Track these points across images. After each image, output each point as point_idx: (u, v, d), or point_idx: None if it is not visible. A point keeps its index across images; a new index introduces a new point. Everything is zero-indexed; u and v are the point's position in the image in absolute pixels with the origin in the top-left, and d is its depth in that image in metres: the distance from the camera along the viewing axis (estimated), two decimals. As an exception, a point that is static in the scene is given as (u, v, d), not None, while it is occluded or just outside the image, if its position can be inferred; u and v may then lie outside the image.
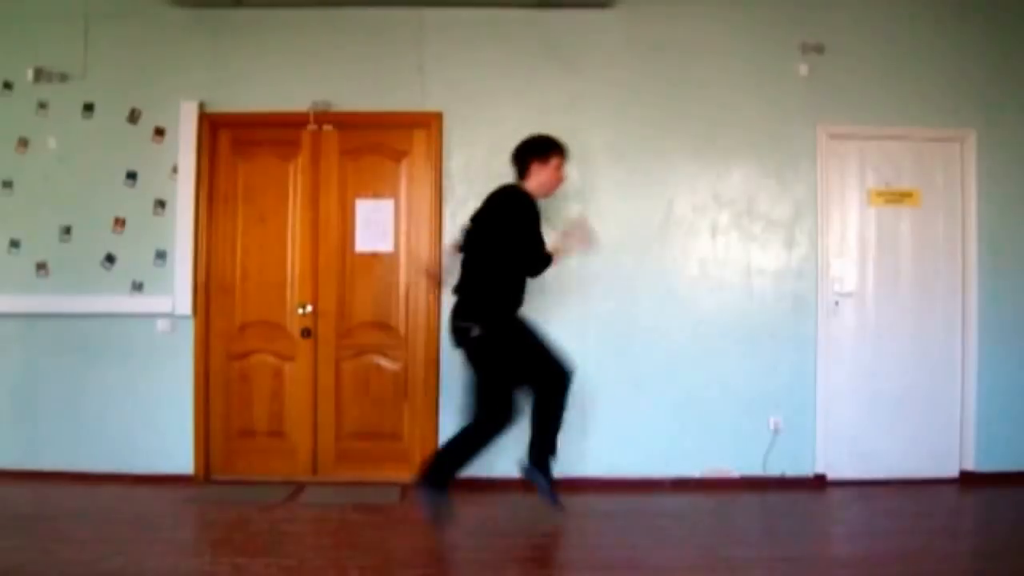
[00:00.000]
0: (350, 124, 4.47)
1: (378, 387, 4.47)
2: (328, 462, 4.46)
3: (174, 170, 4.42)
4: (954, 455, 4.50)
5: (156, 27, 4.44)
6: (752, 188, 4.48)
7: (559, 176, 3.75)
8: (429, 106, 4.45)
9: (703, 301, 4.44)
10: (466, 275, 3.67)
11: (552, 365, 3.66)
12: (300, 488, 4.28)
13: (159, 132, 4.43)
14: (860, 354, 4.49)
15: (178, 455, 4.38)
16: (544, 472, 3.65)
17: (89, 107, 4.44)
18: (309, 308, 4.46)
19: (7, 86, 4.44)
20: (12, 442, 4.38)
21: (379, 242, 4.48)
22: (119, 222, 4.43)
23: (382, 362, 4.48)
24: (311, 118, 4.44)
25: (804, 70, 4.46)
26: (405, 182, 4.50)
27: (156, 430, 4.39)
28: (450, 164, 4.44)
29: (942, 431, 4.49)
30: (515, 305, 3.64)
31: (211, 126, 4.44)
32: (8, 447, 4.37)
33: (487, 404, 3.55)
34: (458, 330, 3.62)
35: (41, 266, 4.42)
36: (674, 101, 4.46)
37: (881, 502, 4.11)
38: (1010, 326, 4.47)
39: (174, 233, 4.42)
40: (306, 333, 4.46)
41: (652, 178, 4.45)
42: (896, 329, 4.51)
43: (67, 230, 4.42)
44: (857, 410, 4.47)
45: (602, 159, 4.36)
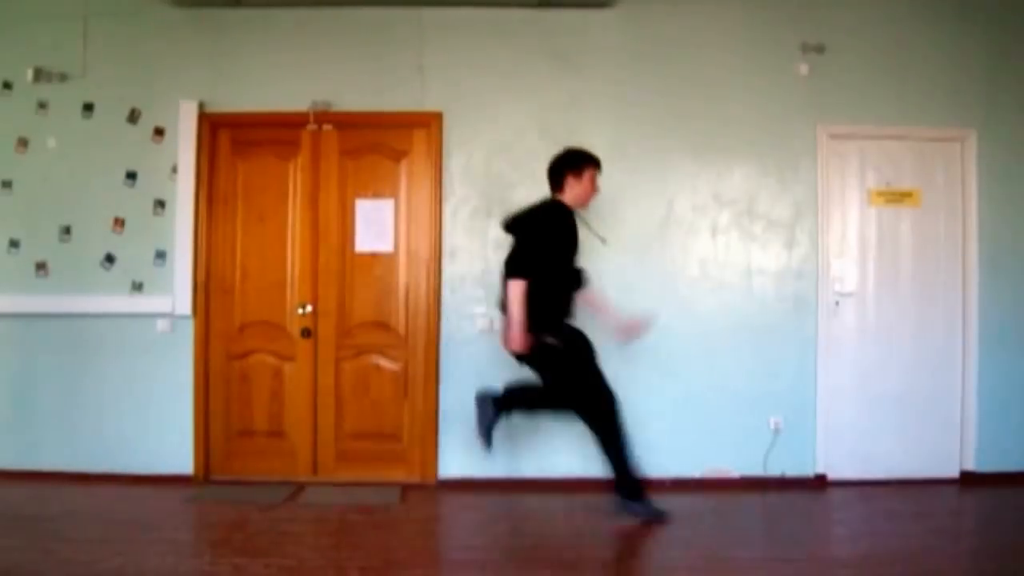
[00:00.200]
0: (350, 124, 4.47)
1: (378, 387, 4.47)
2: (328, 462, 4.45)
3: (174, 170, 4.42)
4: (954, 455, 4.49)
5: (156, 27, 4.43)
6: (752, 188, 4.47)
7: (594, 187, 3.86)
8: (429, 106, 4.44)
9: (703, 301, 4.44)
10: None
11: (600, 388, 3.70)
12: (300, 488, 4.27)
13: (159, 132, 4.43)
14: (860, 354, 4.49)
15: (178, 455, 4.38)
16: (634, 500, 3.68)
17: (89, 107, 4.43)
18: (309, 308, 4.45)
19: (7, 86, 4.44)
20: (11, 442, 4.37)
21: (379, 242, 4.48)
22: (119, 222, 4.42)
23: (382, 362, 4.48)
24: (311, 118, 4.43)
25: (804, 70, 4.45)
26: (405, 182, 4.50)
27: (156, 430, 4.38)
28: (450, 164, 4.44)
29: (942, 431, 4.49)
30: (565, 314, 3.74)
31: (211, 126, 4.44)
32: (7, 447, 4.37)
33: (578, 401, 3.67)
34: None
35: (41, 266, 4.42)
36: (674, 101, 4.46)
37: (881, 502, 4.11)
38: (1010, 326, 4.47)
39: (174, 233, 4.41)
40: (306, 333, 4.45)
41: (652, 178, 4.45)
42: (896, 329, 4.51)
43: (67, 230, 4.42)
44: (857, 410, 4.46)
45: (602, 158, 4.34)
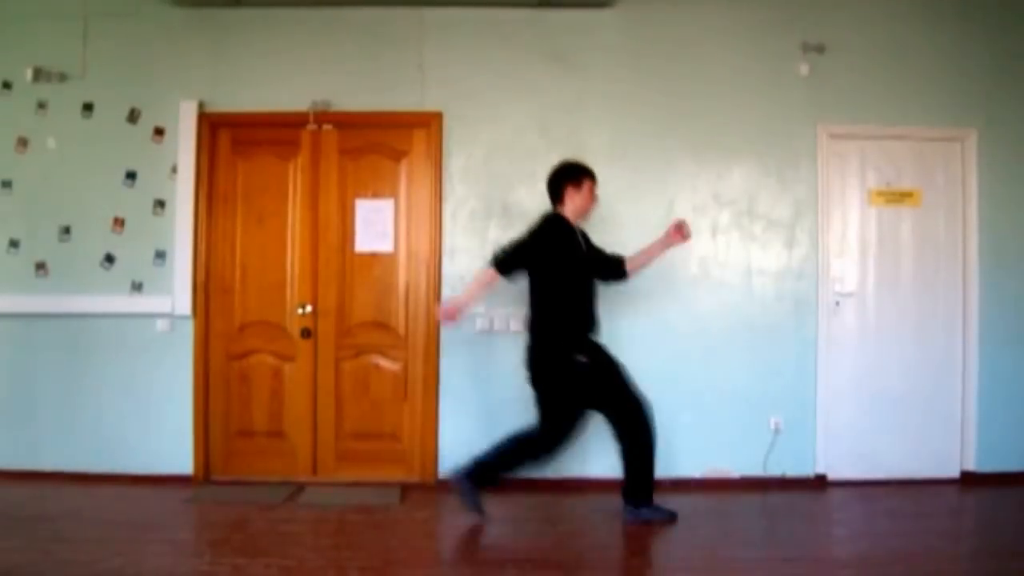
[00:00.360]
0: (350, 124, 4.46)
1: (378, 387, 4.46)
2: (328, 462, 4.45)
3: (173, 170, 4.41)
4: (955, 455, 4.49)
5: (156, 26, 4.43)
6: (753, 188, 4.47)
7: (593, 199, 3.88)
8: (429, 106, 4.44)
9: (703, 301, 4.44)
10: (536, 313, 3.73)
11: (629, 398, 3.72)
12: (300, 488, 4.27)
13: (158, 132, 4.43)
14: (861, 354, 4.49)
15: (177, 455, 4.37)
16: (644, 506, 3.71)
17: (88, 107, 4.43)
18: (309, 308, 4.45)
19: (6, 86, 4.43)
20: (11, 442, 4.37)
21: (379, 242, 4.47)
22: (118, 222, 4.42)
23: (382, 362, 4.47)
24: (311, 118, 4.43)
25: (805, 69, 4.45)
26: (405, 182, 4.49)
27: (155, 430, 4.38)
28: (450, 164, 4.44)
29: (943, 431, 4.49)
30: (589, 327, 3.74)
31: (211, 126, 4.44)
32: (7, 447, 4.36)
33: (552, 418, 3.66)
34: (563, 362, 3.64)
35: (40, 266, 4.42)
36: (674, 101, 4.46)
37: (882, 502, 4.10)
38: (1011, 326, 4.47)
39: (173, 233, 4.41)
40: (306, 333, 4.45)
41: (652, 177, 4.45)
42: (897, 329, 4.50)
43: (66, 230, 4.42)
44: (858, 410, 4.46)
45: (602, 159, 4.33)
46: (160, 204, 4.42)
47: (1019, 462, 4.40)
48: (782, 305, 4.45)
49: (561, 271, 3.69)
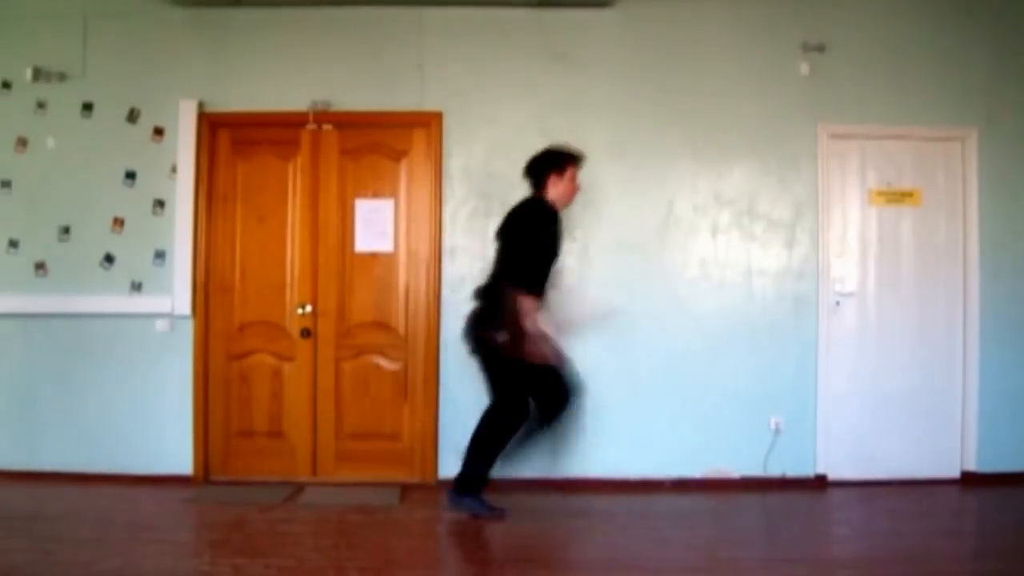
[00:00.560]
0: (349, 123, 4.46)
1: (378, 387, 4.46)
2: (328, 462, 4.45)
3: (173, 170, 4.41)
4: (955, 455, 4.49)
5: (155, 26, 4.42)
6: (753, 187, 4.47)
7: (575, 186, 3.85)
8: (429, 106, 4.44)
9: (703, 301, 4.43)
10: (491, 283, 3.72)
11: (560, 386, 3.71)
12: (299, 489, 4.27)
13: (158, 131, 4.42)
14: (861, 354, 4.48)
15: (177, 455, 4.37)
16: (469, 496, 3.69)
17: (88, 106, 4.42)
18: (308, 308, 4.45)
19: (6, 85, 4.43)
20: (11, 442, 4.36)
21: (379, 242, 4.47)
22: (118, 222, 4.42)
23: (382, 362, 4.47)
24: (310, 117, 4.43)
25: (805, 69, 4.44)
26: (405, 182, 4.49)
27: (155, 430, 4.38)
28: (450, 164, 4.43)
29: (943, 431, 4.48)
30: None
31: (210, 125, 4.43)
32: (7, 447, 4.36)
33: (503, 396, 3.65)
34: (479, 338, 3.65)
35: (40, 266, 4.41)
36: (674, 100, 4.45)
37: (882, 503, 4.10)
38: (1011, 326, 4.46)
39: (173, 233, 4.40)
40: (306, 333, 4.45)
41: (652, 177, 4.44)
42: (897, 329, 4.50)
43: (66, 230, 4.41)
44: (858, 410, 4.45)
45: (602, 158, 4.34)
46: (160, 204, 4.42)
47: (1020, 462, 4.40)
48: (782, 305, 4.44)
49: (539, 254, 3.65)
